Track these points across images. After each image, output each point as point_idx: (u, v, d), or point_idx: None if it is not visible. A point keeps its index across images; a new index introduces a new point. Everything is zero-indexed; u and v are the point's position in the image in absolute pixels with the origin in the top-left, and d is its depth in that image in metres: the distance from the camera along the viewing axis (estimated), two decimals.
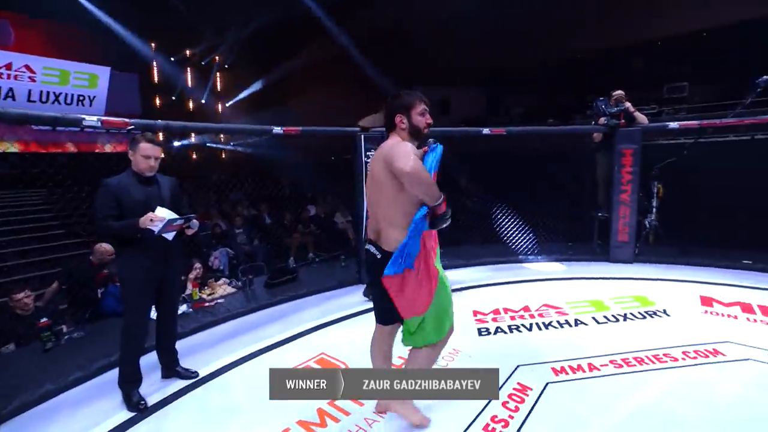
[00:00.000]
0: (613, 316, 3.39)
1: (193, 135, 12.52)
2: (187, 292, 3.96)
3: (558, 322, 3.32)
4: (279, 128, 3.76)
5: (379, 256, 1.89)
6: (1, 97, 8.78)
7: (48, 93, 9.52)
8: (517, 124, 9.08)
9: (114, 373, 2.54)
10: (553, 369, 2.62)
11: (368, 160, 4.34)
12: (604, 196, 4.88)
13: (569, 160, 5.44)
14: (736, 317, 3.32)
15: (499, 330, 3.23)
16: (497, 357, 2.77)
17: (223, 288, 4.28)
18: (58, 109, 9.42)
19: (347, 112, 9.14)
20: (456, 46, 9.96)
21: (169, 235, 2.40)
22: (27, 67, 9.13)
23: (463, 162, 6.32)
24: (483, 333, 3.19)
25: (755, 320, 3.26)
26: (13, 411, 2.36)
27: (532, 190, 5.69)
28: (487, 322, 3.38)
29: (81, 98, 10.11)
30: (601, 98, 5.04)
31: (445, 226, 1.80)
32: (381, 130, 4.49)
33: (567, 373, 2.57)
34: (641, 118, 4.68)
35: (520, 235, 5.27)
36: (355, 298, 4.10)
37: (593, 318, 3.36)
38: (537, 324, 3.29)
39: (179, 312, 3.19)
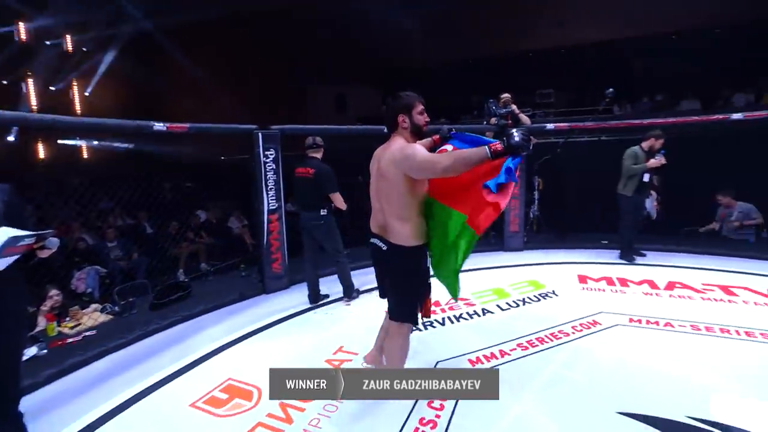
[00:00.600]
0: (513, 301, 3.69)
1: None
2: (38, 328, 3.17)
3: (468, 313, 3.48)
4: (161, 124, 3.22)
5: (384, 248, 2.04)
6: None
7: None
8: None
9: None
10: (470, 360, 2.72)
11: (267, 160, 4.02)
12: None
13: None
14: (603, 290, 3.89)
15: (413, 328, 3.25)
16: (417, 355, 2.78)
17: (92, 316, 3.54)
18: None
19: (245, 112, 8.48)
20: (351, 45, 9.97)
21: (4, 261, 1.82)
22: None
23: (364, 159, 6.30)
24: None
25: (616, 291, 3.86)
26: None
27: None
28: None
29: None
30: (491, 100, 5.45)
31: (526, 144, 1.78)
32: (280, 128, 4.27)
33: (483, 363, 2.69)
34: (525, 119, 5.20)
35: None
36: (261, 309, 3.77)
37: (497, 306, 3.61)
38: (449, 318, 3.41)
39: (25, 356, 2.48)
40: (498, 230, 5.35)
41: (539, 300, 3.71)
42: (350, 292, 3.91)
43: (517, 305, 3.61)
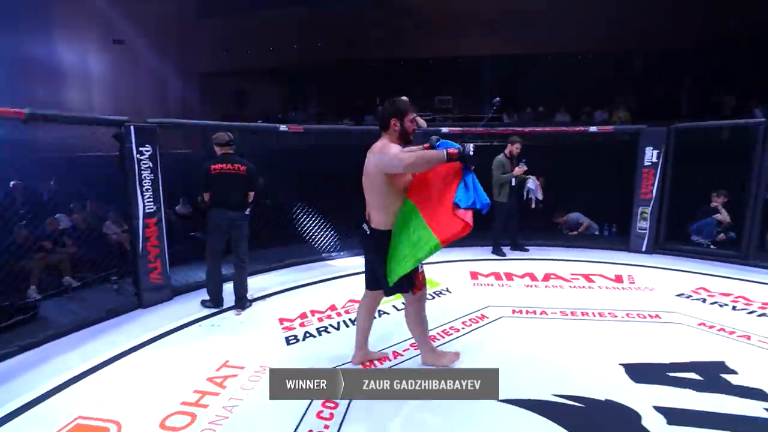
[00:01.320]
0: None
1: None
2: None
3: (380, 311, 3.44)
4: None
5: (368, 233, 2.38)
6: None
7: None
8: (314, 122, 9.32)
9: None
10: (363, 365, 2.68)
11: (141, 157, 3.53)
12: None
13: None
14: (492, 285, 4.19)
15: (308, 335, 3.12)
16: (310, 364, 2.65)
17: None
18: None
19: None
20: (254, 37, 9.45)
21: None
22: None
23: (264, 159, 5.98)
24: (291, 341, 3.01)
25: (503, 285, 4.19)
26: None
27: (337, 186, 5.81)
28: (295, 328, 3.23)
29: None
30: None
31: (475, 157, 2.14)
32: (158, 121, 3.77)
33: (374, 367, 2.66)
34: (421, 122, 5.38)
35: (323, 232, 5.33)
36: (135, 327, 3.29)
37: (393, 306, 3.64)
38: (344, 321, 3.34)
39: None
40: None
41: (433, 298, 3.84)
42: (243, 303, 3.64)
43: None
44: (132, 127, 3.43)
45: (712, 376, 2.49)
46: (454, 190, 2.19)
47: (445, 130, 5.48)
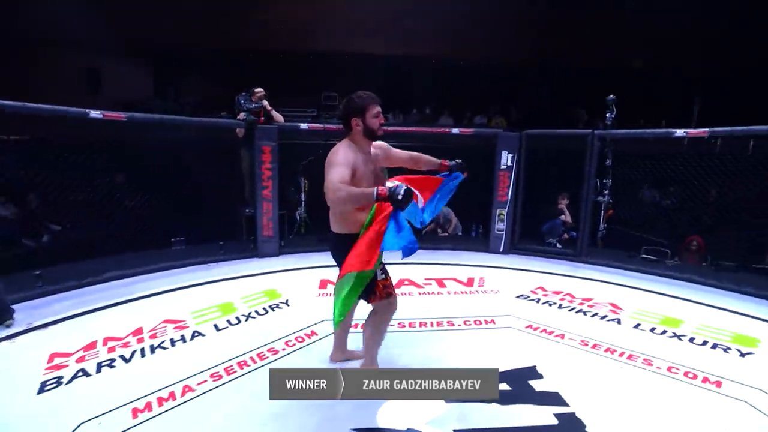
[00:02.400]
0: (237, 318, 3.27)
1: None
2: None
3: (171, 340, 2.88)
4: None
5: (330, 234, 2.30)
6: None
7: None
8: (189, 113, 8.26)
9: None
10: (135, 409, 2.13)
11: None
12: (251, 192, 4.89)
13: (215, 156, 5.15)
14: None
15: (79, 374, 2.45)
16: (50, 417, 2.02)
17: None
18: None
19: None
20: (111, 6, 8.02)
21: None
22: None
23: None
24: (48, 386, 2.32)
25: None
26: None
27: (182, 186, 5.06)
28: (68, 366, 2.53)
29: None
30: (243, 93, 4.98)
31: (404, 201, 1.92)
32: None
33: (151, 410, 2.13)
34: (278, 117, 4.92)
35: (162, 239, 4.57)
36: None
37: (215, 325, 3.12)
38: (142, 350, 2.73)
39: None
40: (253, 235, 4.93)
41: (267, 312, 3.40)
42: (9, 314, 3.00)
43: (239, 322, 3.21)
44: None
45: (520, 384, 2.45)
46: (383, 231, 2.00)
47: (303, 126, 5.06)
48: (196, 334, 2.98)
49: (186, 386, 2.34)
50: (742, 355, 2.90)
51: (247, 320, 3.24)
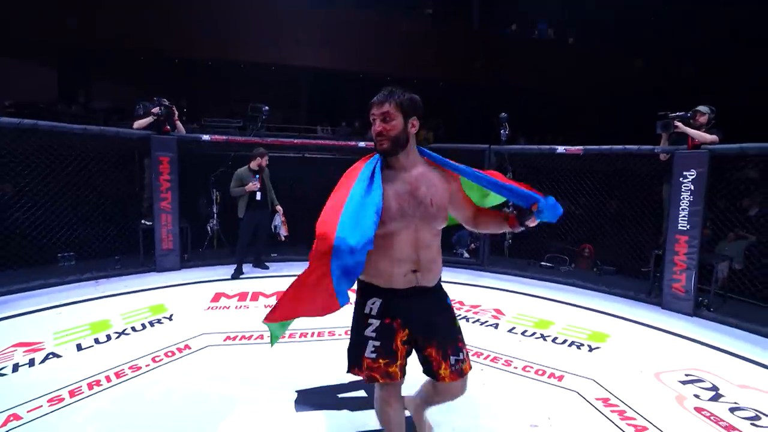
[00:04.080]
0: (107, 335, 3.12)
1: None
2: None
3: (16, 364, 2.67)
4: None
5: None
6: None
7: None
8: (98, 119, 7.81)
9: None
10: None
11: None
12: (149, 204, 4.72)
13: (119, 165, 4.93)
14: (229, 307, 3.79)
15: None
16: None
17: None
18: None
19: None
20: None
21: None
22: None
23: None
24: None
25: (242, 306, 3.83)
26: None
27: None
28: None
29: None
30: (146, 101, 4.82)
31: None
32: None
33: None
34: (181, 128, 4.82)
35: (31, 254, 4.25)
36: None
37: (78, 345, 2.95)
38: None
39: None
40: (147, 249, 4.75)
41: (145, 328, 3.28)
42: None
43: (108, 339, 3.06)
44: None
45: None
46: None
47: (205, 137, 4.97)
48: (50, 355, 2.79)
49: (12, 414, 2.18)
50: (591, 350, 3.21)
51: (119, 337, 3.10)
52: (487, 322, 3.74)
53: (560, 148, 4.87)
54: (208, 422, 2.14)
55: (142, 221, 4.72)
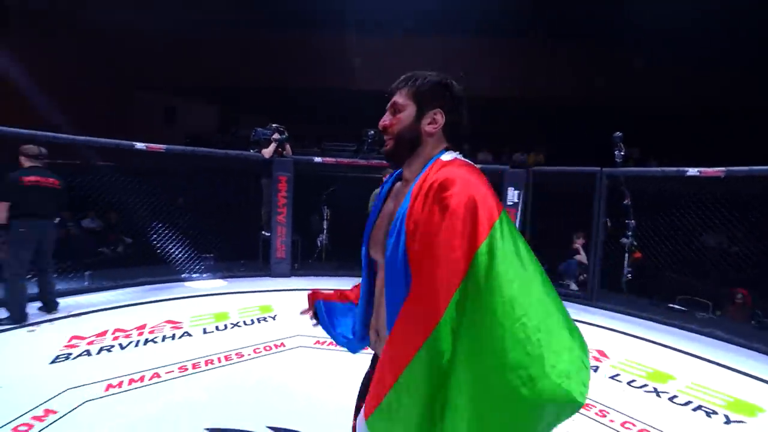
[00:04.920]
0: (224, 325, 3.71)
1: None
2: None
3: (164, 336, 3.38)
4: None
5: None
6: None
7: None
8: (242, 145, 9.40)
9: None
10: (109, 385, 2.60)
11: None
12: (267, 218, 5.47)
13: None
14: None
15: (84, 353, 3.02)
16: (46, 386, 2.54)
17: None
18: None
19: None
20: (186, 55, 9.59)
21: None
22: None
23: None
24: (59, 359, 2.91)
25: None
26: None
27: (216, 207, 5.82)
28: (78, 346, 3.13)
29: None
30: (260, 128, 5.66)
31: None
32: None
33: (120, 387, 2.59)
34: (288, 150, 5.53)
35: (185, 254, 5.26)
36: None
37: (204, 329, 3.58)
38: (136, 342, 3.26)
39: None
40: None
41: (254, 323, 3.80)
42: (53, 305, 3.79)
43: (225, 328, 3.64)
44: None
45: None
46: None
47: (318, 159, 5.59)
48: (185, 334, 3.46)
49: (155, 373, 2.77)
50: (728, 422, 2.60)
51: (233, 328, 3.66)
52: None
53: (692, 170, 4.16)
54: (291, 419, 2.38)
55: (263, 232, 5.48)
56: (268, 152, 5.33)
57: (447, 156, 1.00)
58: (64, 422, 2.21)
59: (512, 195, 5.22)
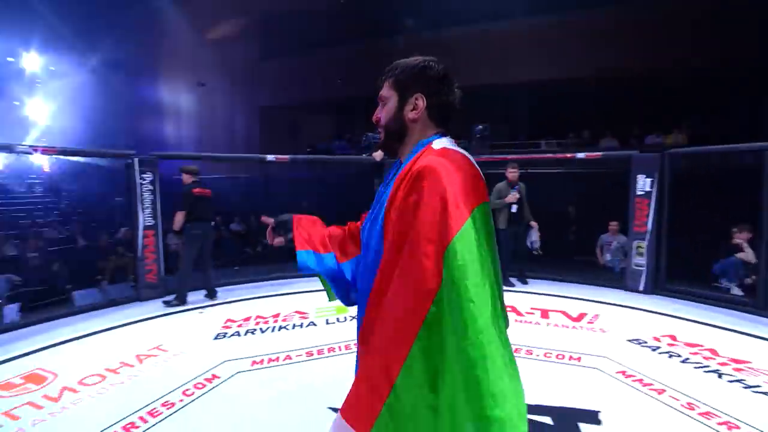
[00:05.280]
0: (345, 317, 4.04)
1: None
2: None
3: (294, 324, 3.85)
4: None
5: None
6: None
7: None
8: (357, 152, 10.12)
9: None
10: (254, 361, 3.09)
11: (143, 182, 4.50)
12: None
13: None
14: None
15: (235, 334, 3.63)
16: (209, 357, 3.13)
17: None
18: None
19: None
20: (308, 74, 10.69)
21: None
22: None
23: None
24: (219, 337, 3.56)
25: None
26: None
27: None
28: (230, 327, 3.77)
29: None
30: (371, 133, 5.95)
31: None
32: (159, 154, 4.74)
33: (261, 364, 3.05)
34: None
35: None
36: (118, 315, 4.12)
37: (326, 320, 3.96)
38: (272, 328, 3.78)
39: None
40: None
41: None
42: (215, 293, 4.62)
43: (345, 320, 3.96)
44: (136, 159, 4.42)
45: (567, 423, 2.35)
46: None
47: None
48: (311, 323, 3.89)
49: (287, 355, 3.18)
50: None
51: (352, 320, 3.95)
52: (757, 387, 2.75)
53: None
54: None
55: None
56: (378, 155, 5.60)
57: (437, 143, 0.96)
58: (225, 386, 2.73)
59: (643, 183, 4.56)
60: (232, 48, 10.99)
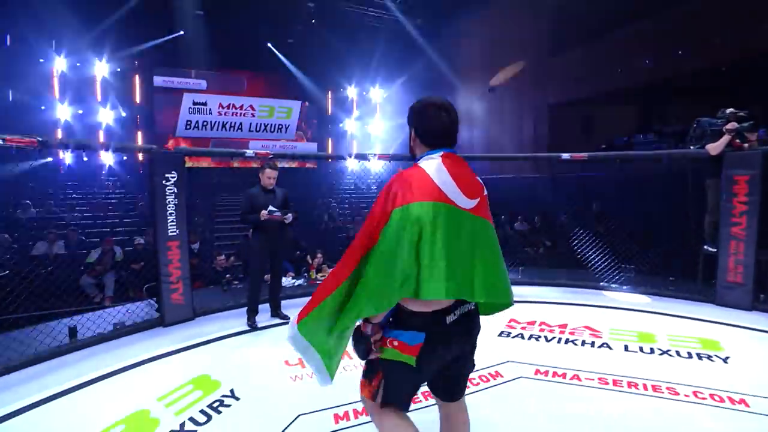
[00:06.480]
0: (651, 348, 3.23)
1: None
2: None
3: (583, 341, 3.39)
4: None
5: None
6: (235, 129, 12.92)
7: (259, 124, 13.40)
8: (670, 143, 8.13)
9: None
10: (537, 370, 2.91)
11: (167, 183, 3.76)
12: (712, 228, 4.27)
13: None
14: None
15: (518, 335, 3.54)
16: (494, 353, 3.14)
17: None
18: (265, 135, 13.21)
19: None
20: (601, 63, 9.41)
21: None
22: (251, 106, 13.18)
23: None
24: (502, 335, 3.56)
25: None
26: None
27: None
28: (515, 329, 3.69)
29: (280, 126, 13.82)
30: (706, 118, 4.44)
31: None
32: (181, 149, 4.44)
33: (546, 375, 2.84)
34: (754, 142, 4.00)
35: (604, 262, 5.01)
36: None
37: (625, 346, 3.28)
38: (558, 338, 3.45)
39: (296, 283, 4.89)
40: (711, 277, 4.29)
41: (690, 358, 3.06)
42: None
43: (651, 352, 3.15)
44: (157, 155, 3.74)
45: None
46: None
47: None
48: (605, 345, 3.32)
49: (575, 375, 2.82)
50: None
51: (661, 355, 3.13)
52: None
53: None
54: None
55: (705, 246, 4.37)
56: (714, 147, 4.18)
57: (420, 162, 1.45)
58: (506, 387, 2.70)
59: None
60: (521, 49, 10.97)
